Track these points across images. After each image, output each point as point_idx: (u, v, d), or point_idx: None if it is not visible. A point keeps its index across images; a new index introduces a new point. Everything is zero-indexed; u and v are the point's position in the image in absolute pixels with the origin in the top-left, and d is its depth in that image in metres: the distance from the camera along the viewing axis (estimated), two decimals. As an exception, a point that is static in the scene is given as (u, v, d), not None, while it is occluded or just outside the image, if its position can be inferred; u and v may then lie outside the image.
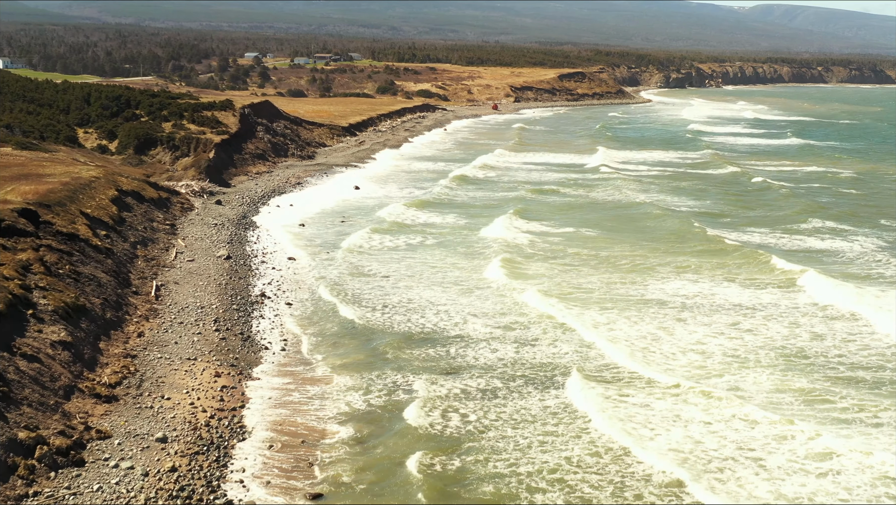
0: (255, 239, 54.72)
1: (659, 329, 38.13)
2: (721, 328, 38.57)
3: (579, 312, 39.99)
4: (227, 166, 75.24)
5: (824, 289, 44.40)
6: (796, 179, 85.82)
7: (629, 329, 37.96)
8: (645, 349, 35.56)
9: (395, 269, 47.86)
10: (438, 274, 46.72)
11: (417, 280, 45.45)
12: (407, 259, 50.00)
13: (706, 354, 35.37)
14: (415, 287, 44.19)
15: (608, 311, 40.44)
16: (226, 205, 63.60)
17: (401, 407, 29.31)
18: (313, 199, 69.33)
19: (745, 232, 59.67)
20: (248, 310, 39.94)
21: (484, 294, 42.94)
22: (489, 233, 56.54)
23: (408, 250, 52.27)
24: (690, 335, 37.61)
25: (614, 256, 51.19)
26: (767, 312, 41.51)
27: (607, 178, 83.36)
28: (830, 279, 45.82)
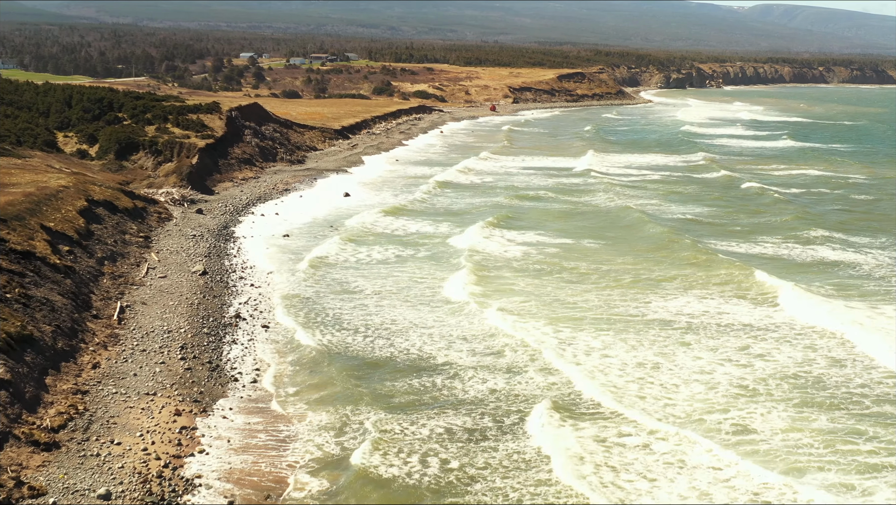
0: (235, 252, 51.68)
1: (658, 355, 35.11)
2: (729, 353, 35.61)
3: (544, 331, 36.96)
4: (211, 172, 72.20)
5: (841, 309, 41.45)
6: (798, 185, 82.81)
7: (613, 357, 34.92)
8: (641, 380, 32.50)
9: (382, 284, 44.87)
10: (423, 291, 43.69)
11: (403, 298, 42.43)
12: (394, 274, 47.00)
13: (711, 384, 32.31)
14: (399, 306, 41.22)
15: (591, 332, 37.40)
16: (207, 214, 60.56)
17: (377, 451, 26.25)
18: (301, 208, 66.29)
19: (751, 242, 56.64)
20: (221, 334, 36.89)
21: (459, 317, 39.90)
22: (460, 242, 53.85)
23: (397, 263, 49.28)
24: (694, 361, 34.65)
25: (595, 270, 48.21)
26: (780, 333, 38.55)
27: (594, 184, 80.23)
28: (846, 299, 42.89)
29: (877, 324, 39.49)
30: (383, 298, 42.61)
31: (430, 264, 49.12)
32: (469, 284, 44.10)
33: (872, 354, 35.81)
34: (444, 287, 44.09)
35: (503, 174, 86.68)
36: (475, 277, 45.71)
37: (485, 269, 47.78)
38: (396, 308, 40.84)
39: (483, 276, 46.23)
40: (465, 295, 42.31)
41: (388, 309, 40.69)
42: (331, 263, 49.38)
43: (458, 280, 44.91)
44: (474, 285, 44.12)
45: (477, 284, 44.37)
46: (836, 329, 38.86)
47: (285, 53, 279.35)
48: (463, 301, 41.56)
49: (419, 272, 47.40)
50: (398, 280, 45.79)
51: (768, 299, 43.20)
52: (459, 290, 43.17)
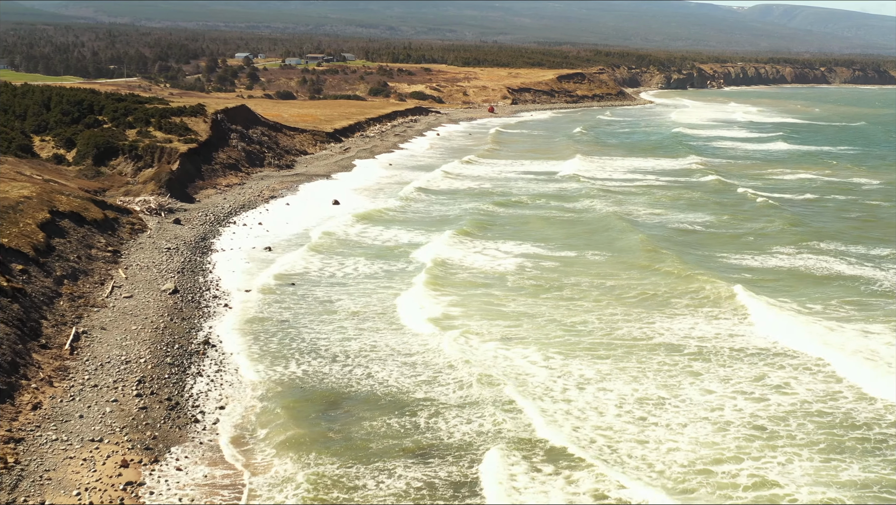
0: (212, 267, 48.28)
1: (662, 388, 31.76)
2: (742, 384, 32.33)
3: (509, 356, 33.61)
4: (193, 179, 68.83)
5: (864, 334, 38.14)
6: (793, 190, 79.46)
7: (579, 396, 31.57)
8: (642, 421, 29.15)
9: (365, 303, 41.54)
10: (402, 311, 40.39)
11: (387, 320, 39.10)
12: (379, 291, 43.64)
13: (721, 424, 28.96)
14: (383, 329, 37.93)
15: (586, 360, 34.05)
16: (185, 224, 57.16)
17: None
18: (286, 217, 62.90)
19: (748, 254, 53.27)
20: (185, 364, 33.51)
21: (432, 342, 36.59)
22: (423, 255, 50.79)
23: (384, 278, 45.94)
24: (703, 396, 31.36)
25: (570, 284, 44.97)
26: (800, 360, 35.25)
27: (579, 191, 76.80)
28: (866, 322, 39.59)
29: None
30: (365, 319, 39.34)
31: (395, 279, 45.84)
32: (427, 299, 41.58)
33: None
34: (402, 306, 41.31)
35: (490, 178, 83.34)
36: (433, 292, 42.97)
37: (440, 284, 44.63)
38: (378, 332, 37.61)
39: (442, 290, 43.23)
40: (421, 318, 39.31)
41: (369, 334, 37.42)
42: (313, 280, 46.08)
43: (414, 297, 42.25)
44: (434, 302, 41.15)
45: (436, 298, 41.46)
46: (861, 357, 35.60)
47: (281, 54, 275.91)
48: (421, 322, 38.75)
49: (394, 287, 44.11)
50: (383, 298, 42.47)
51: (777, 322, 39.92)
52: (415, 311, 40.37)
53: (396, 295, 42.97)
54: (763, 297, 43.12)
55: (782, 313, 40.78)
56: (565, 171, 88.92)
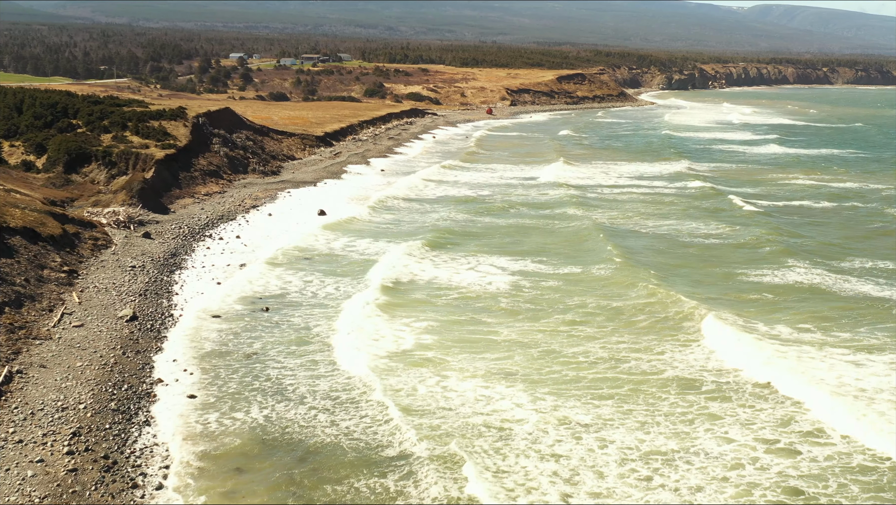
0: (179, 288, 43.90)
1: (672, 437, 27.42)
2: (765, 430, 28.10)
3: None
4: (169, 187, 64.44)
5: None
6: (789, 196, 75.10)
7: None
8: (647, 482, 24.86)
9: (341, 334, 37.20)
10: (365, 340, 36.05)
11: (366, 350, 34.76)
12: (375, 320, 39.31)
13: (744, 487, 24.67)
14: (360, 356, 33.74)
15: (575, 402, 29.72)
16: (156, 238, 52.75)
17: None
18: (267, 229, 58.54)
19: (732, 270, 48.92)
20: (133, 409, 29.15)
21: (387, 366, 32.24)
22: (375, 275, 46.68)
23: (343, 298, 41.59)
24: (721, 446, 27.17)
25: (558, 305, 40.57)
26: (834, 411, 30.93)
27: (561, 198, 72.70)
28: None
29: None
30: (334, 350, 35.12)
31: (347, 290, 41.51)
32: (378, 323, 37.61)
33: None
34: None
35: (490, 185, 79.01)
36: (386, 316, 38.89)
37: (395, 305, 40.53)
38: (356, 362, 33.51)
39: (395, 307, 38.91)
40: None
41: (348, 363, 33.29)
42: (291, 303, 41.79)
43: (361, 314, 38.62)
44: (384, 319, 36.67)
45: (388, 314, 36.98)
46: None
47: (276, 54, 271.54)
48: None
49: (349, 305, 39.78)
50: (363, 328, 38.14)
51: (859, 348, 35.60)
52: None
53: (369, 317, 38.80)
54: (781, 326, 39.05)
55: (847, 348, 36.32)
56: (545, 177, 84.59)
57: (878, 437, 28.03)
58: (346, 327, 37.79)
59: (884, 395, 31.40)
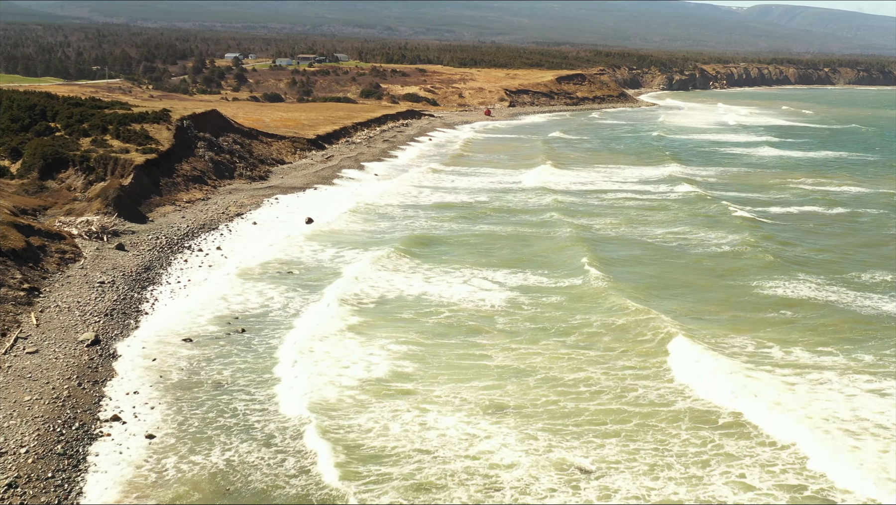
0: (151, 306, 40.77)
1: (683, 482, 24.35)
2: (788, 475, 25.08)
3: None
4: (149, 194, 61.30)
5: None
6: (785, 203, 72.02)
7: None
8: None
9: (315, 368, 34.09)
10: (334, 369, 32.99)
11: (333, 381, 31.67)
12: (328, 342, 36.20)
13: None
14: (326, 388, 30.52)
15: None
16: (130, 250, 49.61)
17: None
18: (251, 240, 55.41)
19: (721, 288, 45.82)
20: (82, 452, 26.03)
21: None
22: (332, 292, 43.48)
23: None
24: (739, 495, 24.06)
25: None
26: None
27: (545, 205, 69.62)
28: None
29: None
30: (308, 377, 32.05)
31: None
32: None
33: None
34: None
35: (486, 190, 75.90)
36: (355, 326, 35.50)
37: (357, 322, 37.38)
38: (323, 390, 30.47)
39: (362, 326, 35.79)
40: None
41: (309, 395, 30.18)
42: (272, 323, 38.73)
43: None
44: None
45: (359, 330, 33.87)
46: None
47: (272, 54, 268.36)
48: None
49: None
50: (329, 353, 35.07)
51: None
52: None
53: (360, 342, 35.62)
54: (798, 350, 36.14)
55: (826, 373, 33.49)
56: (529, 182, 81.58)
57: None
58: (314, 353, 34.69)
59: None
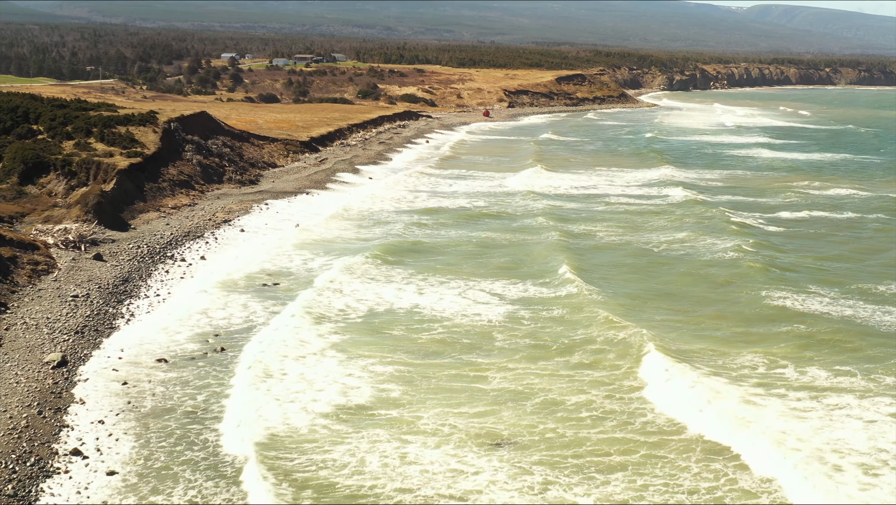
0: (126, 322, 38.36)
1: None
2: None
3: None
4: (132, 200, 58.88)
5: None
6: (781, 208, 69.60)
7: None
8: None
9: (290, 390, 31.72)
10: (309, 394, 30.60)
11: (306, 407, 29.29)
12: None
13: None
14: (297, 416, 28.12)
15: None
16: (108, 260, 47.19)
17: None
18: (238, 248, 53.08)
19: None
20: (35, 493, 23.63)
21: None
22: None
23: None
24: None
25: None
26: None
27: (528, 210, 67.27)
28: None
29: None
30: (278, 405, 29.60)
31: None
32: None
33: None
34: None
35: (486, 195, 73.51)
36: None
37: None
38: (287, 418, 27.95)
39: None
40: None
41: (274, 427, 27.68)
42: (258, 342, 36.19)
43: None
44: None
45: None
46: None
47: (269, 54, 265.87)
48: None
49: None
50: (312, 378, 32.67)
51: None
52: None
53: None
54: (815, 370, 33.91)
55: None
56: (515, 186, 79.33)
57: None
58: (287, 376, 32.29)
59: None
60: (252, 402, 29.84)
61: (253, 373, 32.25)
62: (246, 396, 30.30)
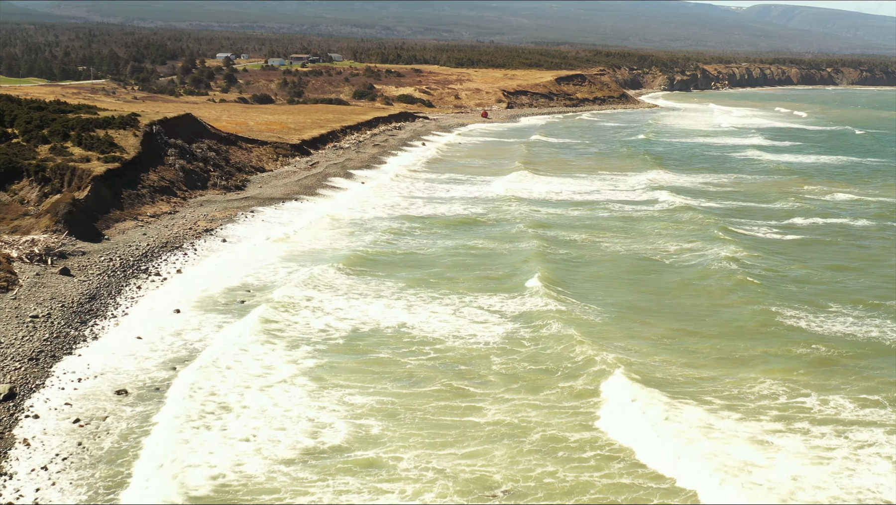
0: (88, 346, 35.11)
1: None
2: None
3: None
4: (107, 208, 55.63)
5: None
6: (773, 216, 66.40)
7: None
8: None
9: (254, 427, 28.55)
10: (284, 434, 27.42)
11: (260, 449, 26.09)
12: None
13: None
14: (263, 442, 24.91)
15: None
16: (77, 275, 43.95)
17: None
18: (218, 259, 49.87)
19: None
20: (-45, 559, 20.50)
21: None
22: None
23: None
24: None
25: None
26: None
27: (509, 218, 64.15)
28: None
29: None
30: (232, 444, 26.37)
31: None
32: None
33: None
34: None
35: (471, 199, 70.36)
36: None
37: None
38: (239, 463, 24.67)
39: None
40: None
41: (222, 477, 24.47)
42: (229, 365, 33.03)
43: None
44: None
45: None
46: None
47: (265, 54, 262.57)
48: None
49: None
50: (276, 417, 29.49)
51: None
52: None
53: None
54: (839, 398, 30.62)
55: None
56: (495, 191, 76.00)
57: None
58: (248, 409, 29.09)
59: None
60: (201, 444, 26.58)
61: (202, 409, 28.99)
62: (193, 438, 27.02)
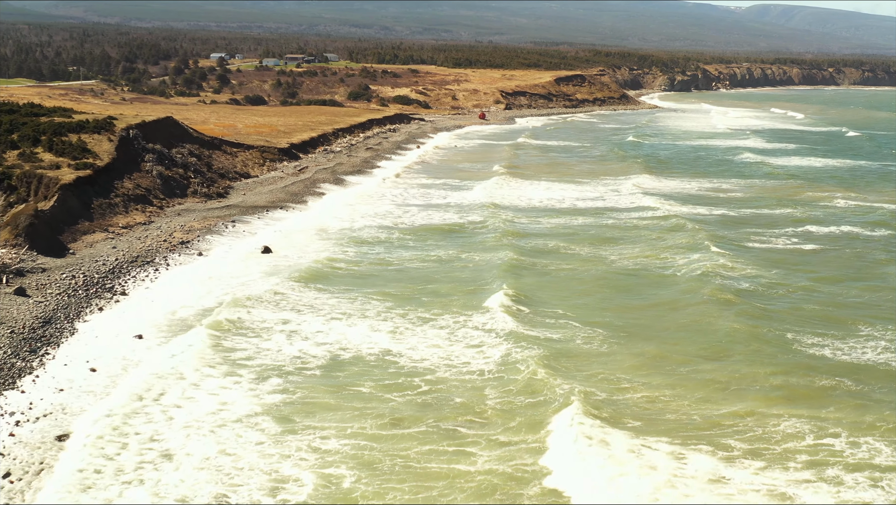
0: (33, 381, 31.40)
1: None
2: None
3: None
4: (76, 219, 51.91)
5: None
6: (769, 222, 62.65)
7: None
8: None
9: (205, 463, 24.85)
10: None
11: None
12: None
13: None
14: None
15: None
16: (33, 295, 40.21)
17: None
18: (193, 275, 46.18)
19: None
20: None
21: None
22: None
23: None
24: None
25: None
26: None
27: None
28: None
29: None
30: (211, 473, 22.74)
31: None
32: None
33: None
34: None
35: (469, 206, 66.61)
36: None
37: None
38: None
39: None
40: None
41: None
42: (185, 399, 29.37)
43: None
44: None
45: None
46: None
47: (260, 54, 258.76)
48: None
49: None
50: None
51: None
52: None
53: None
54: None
55: None
56: (476, 197, 72.53)
57: None
58: (191, 457, 25.38)
59: None
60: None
61: (137, 459, 25.28)
62: (138, 493, 23.32)
